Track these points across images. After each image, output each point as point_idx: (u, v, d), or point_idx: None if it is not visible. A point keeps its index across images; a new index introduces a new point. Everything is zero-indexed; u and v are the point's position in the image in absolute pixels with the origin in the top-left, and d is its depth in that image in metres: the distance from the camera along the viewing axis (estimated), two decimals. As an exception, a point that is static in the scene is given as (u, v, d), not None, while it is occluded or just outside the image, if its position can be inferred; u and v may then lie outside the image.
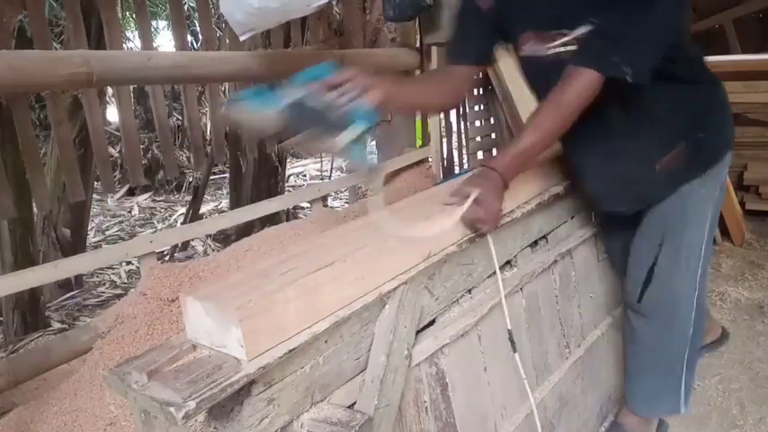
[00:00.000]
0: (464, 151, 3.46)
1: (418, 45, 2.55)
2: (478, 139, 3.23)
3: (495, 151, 3.27)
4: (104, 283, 3.77)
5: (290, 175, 6.85)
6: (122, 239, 4.85)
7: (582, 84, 1.25)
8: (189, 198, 5.40)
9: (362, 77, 1.14)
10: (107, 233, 5.08)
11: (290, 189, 6.00)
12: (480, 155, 3.30)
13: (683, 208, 1.53)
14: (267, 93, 1.08)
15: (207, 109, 5.69)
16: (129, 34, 7.55)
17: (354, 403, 1.05)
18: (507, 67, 2.88)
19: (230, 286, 0.93)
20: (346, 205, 3.56)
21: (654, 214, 1.57)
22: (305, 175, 7.19)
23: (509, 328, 1.35)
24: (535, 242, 1.65)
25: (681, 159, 1.46)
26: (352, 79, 1.12)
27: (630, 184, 1.52)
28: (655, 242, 1.57)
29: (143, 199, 6.28)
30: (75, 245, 3.40)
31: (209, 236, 4.49)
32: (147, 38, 1.87)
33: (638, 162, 1.48)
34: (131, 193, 6.40)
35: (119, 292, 3.58)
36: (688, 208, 1.52)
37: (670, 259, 1.56)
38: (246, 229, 3.53)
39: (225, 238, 4.41)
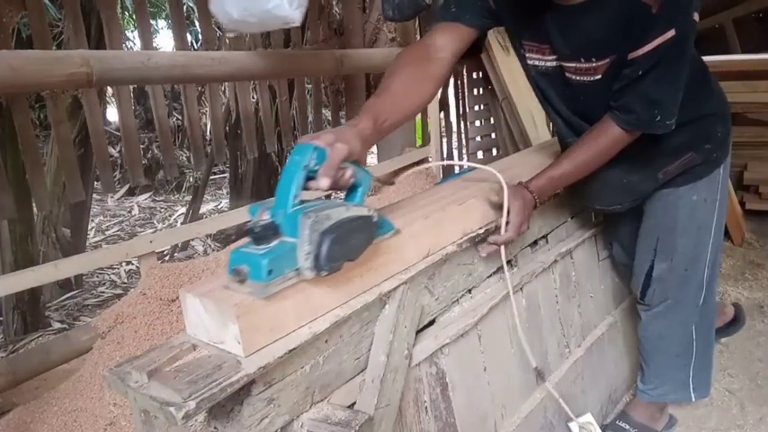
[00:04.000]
0: (464, 151, 3.46)
1: (418, 45, 2.55)
2: (478, 139, 3.24)
3: (495, 151, 3.28)
4: (104, 283, 3.77)
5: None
6: (122, 239, 4.84)
7: (625, 138, 1.34)
8: (189, 198, 5.40)
9: (339, 150, 0.95)
10: (107, 233, 5.08)
11: (290, 189, 5.98)
12: (480, 155, 3.30)
13: (674, 217, 1.56)
14: (260, 255, 0.86)
15: (207, 109, 5.69)
16: (129, 34, 7.55)
17: (354, 403, 1.05)
18: (507, 68, 2.88)
19: (229, 283, 0.93)
20: (346, 205, 3.56)
21: (647, 221, 1.63)
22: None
23: (534, 365, 1.43)
24: (535, 242, 1.65)
25: (684, 165, 1.49)
26: (336, 161, 0.95)
27: (630, 186, 1.54)
28: (650, 247, 1.63)
29: (143, 199, 6.28)
30: (76, 245, 3.40)
31: (209, 236, 4.48)
32: (147, 38, 1.87)
33: (642, 171, 1.50)
34: (131, 193, 6.39)
35: (119, 292, 3.58)
36: (679, 216, 1.56)
37: (666, 266, 1.63)
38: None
39: (225, 238, 4.41)
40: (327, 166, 0.94)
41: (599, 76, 1.31)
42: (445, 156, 3.23)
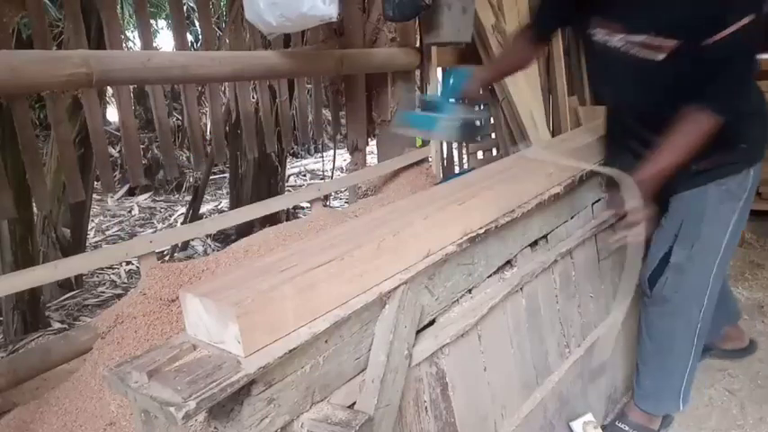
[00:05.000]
0: (464, 151, 3.46)
1: (418, 45, 2.55)
2: (479, 138, 3.23)
3: (494, 151, 3.28)
4: (104, 283, 3.77)
5: (289, 175, 6.85)
6: (122, 239, 4.84)
7: (715, 126, 1.38)
8: (189, 198, 5.40)
9: (477, 82, 1.67)
10: (107, 233, 5.08)
11: (290, 189, 6.00)
12: (480, 155, 3.30)
13: (702, 204, 1.60)
14: (427, 117, 1.60)
15: (207, 109, 5.68)
16: (129, 34, 7.55)
17: (354, 403, 1.05)
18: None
19: (229, 283, 0.93)
20: (346, 205, 3.55)
21: (673, 207, 1.66)
22: (305, 175, 7.19)
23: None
24: (535, 242, 1.65)
25: (718, 162, 1.53)
26: (474, 85, 1.66)
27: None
28: (671, 233, 1.65)
29: (143, 199, 6.28)
30: (76, 245, 3.40)
31: (209, 236, 4.48)
32: (147, 38, 1.87)
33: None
34: (131, 193, 6.40)
35: (119, 292, 3.58)
36: (707, 205, 1.60)
37: (684, 252, 1.64)
38: (246, 229, 3.53)
39: (225, 238, 4.41)
40: (470, 84, 1.66)
41: (663, 56, 1.37)
42: (445, 156, 3.23)
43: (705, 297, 1.67)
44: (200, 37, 6.68)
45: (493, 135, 3.24)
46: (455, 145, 3.55)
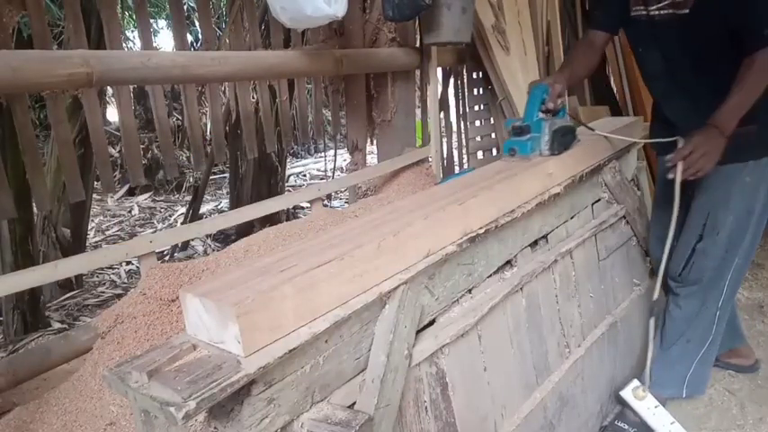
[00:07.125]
0: (464, 151, 3.46)
1: (418, 45, 2.55)
2: (478, 138, 3.23)
3: (494, 151, 3.27)
4: (104, 283, 3.77)
5: (290, 175, 6.85)
6: (122, 239, 4.84)
7: None
8: (189, 198, 5.40)
9: (557, 87, 1.73)
10: (107, 233, 5.08)
11: (290, 189, 5.99)
12: (480, 155, 3.30)
13: (728, 192, 1.71)
14: (524, 141, 1.67)
15: (207, 109, 5.68)
16: (129, 34, 7.55)
17: (354, 403, 1.05)
18: (507, 68, 2.88)
19: (229, 283, 0.93)
20: (346, 205, 3.56)
21: (701, 196, 1.78)
22: (305, 175, 7.18)
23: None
24: (535, 242, 1.65)
25: (743, 138, 1.60)
26: (555, 93, 1.72)
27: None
28: (700, 222, 1.78)
29: (143, 199, 6.28)
30: (75, 245, 3.40)
31: (209, 236, 4.48)
32: (147, 38, 1.87)
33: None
34: (131, 193, 6.39)
35: (119, 292, 3.58)
36: (733, 192, 1.70)
37: (710, 240, 1.76)
38: (246, 229, 3.53)
39: (225, 238, 4.41)
40: (551, 95, 1.72)
41: (687, 10, 1.56)
42: (445, 156, 3.23)
43: (726, 285, 1.78)
44: (200, 37, 6.68)
45: (493, 135, 3.25)
46: (455, 145, 3.55)
